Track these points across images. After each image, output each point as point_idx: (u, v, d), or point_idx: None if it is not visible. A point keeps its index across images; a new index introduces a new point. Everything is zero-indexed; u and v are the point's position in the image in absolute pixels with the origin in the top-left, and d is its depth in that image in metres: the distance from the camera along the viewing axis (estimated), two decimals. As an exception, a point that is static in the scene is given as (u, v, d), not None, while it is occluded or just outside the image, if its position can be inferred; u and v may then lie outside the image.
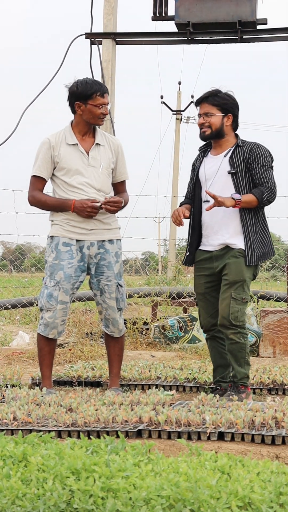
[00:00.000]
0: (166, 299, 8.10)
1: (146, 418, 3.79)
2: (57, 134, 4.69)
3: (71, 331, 7.53)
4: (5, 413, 3.89)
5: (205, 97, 4.61)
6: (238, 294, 4.50)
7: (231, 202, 4.43)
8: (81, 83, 4.61)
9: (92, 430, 3.70)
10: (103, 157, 4.69)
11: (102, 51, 8.02)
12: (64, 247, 4.61)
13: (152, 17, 7.86)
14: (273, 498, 2.46)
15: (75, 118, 4.69)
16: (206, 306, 4.69)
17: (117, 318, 4.73)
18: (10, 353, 6.69)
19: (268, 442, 3.57)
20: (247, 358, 4.56)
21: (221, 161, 4.60)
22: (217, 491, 2.45)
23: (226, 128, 4.61)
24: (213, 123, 4.58)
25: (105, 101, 4.60)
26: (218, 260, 4.57)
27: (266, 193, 4.51)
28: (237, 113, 4.64)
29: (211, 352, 4.75)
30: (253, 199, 4.50)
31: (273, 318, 6.91)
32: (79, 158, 4.63)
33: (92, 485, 2.50)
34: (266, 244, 4.59)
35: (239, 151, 4.58)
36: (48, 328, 4.65)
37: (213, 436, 3.62)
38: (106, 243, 4.68)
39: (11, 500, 2.47)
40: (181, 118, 26.83)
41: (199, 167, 4.71)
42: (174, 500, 2.43)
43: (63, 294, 4.61)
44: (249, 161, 4.54)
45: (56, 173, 4.65)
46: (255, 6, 7.52)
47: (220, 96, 4.59)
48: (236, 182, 4.54)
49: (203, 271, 4.66)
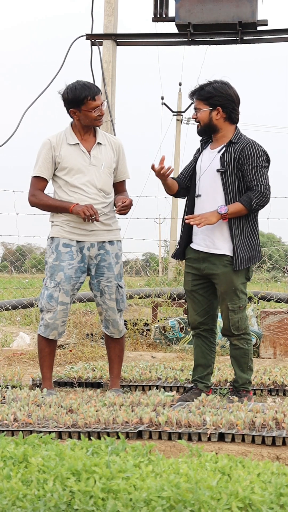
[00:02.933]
0: (166, 300, 8.10)
1: (146, 419, 3.79)
2: (57, 135, 4.69)
3: (72, 332, 7.53)
4: (6, 414, 3.89)
5: (193, 92, 4.49)
6: (234, 304, 4.43)
7: (217, 217, 4.31)
8: (70, 90, 4.57)
9: (93, 431, 3.70)
10: (104, 156, 4.68)
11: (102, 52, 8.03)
12: (65, 248, 4.61)
13: (153, 18, 7.87)
14: (273, 499, 2.45)
15: (73, 121, 4.70)
16: (194, 303, 4.58)
17: (117, 319, 4.73)
18: (10, 354, 6.69)
19: (268, 443, 3.57)
20: (250, 364, 4.52)
21: (214, 157, 4.46)
22: (217, 492, 2.45)
23: (218, 122, 4.44)
24: (200, 118, 4.47)
25: (98, 103, 4.57)
26: (205, 262, 4.47)
27: (255, 199, 4.33)
28: (229, 106, 4.42)
29: (194, 349, 4.64)
30: (241, 209, 4.34)
31: (274, 319, 6.91)
32: (80, 158, 4.63)
33: (93, 486, 2.50)
34: (253, 248, 4.44)
35: (232, 149, 4.41)
36: (49, 329, 4.65)
37: (214, 437, 3.62)
38: (107, 244, 4.67)
39: (11, 501, 2.47)
40: (181, 119, 26.80)
41: (197, 159, 4.59)
42: (174, 501, 2.43)
43: (63, 295, 4.61)
44: (240, 161, 4.37)
45: (57, 173, 4.65)
46: (255, 7, 7.53)
47: (206, 90, 4.43)
48: (224, 181, 4.39)
49: (191, 269, 4.56)
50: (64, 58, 7.96)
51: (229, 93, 4.44)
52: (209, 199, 4.44)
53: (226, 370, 5.44)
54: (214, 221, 4.32)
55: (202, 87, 4.46)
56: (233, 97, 4.45)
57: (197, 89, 4.48)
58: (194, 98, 4.49)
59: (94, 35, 7.98)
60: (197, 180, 4.52)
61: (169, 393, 4.48)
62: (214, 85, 4.44)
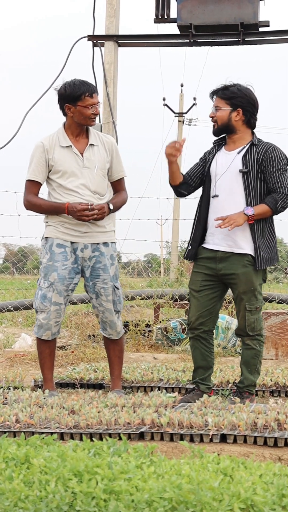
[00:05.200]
0: (168, 301, 8.09)
1: (148, 420, 3.79)
2: (50, 137, 4.67)
3: (74, 333, 7.53)
4: (8, 415, 3.89)
5: (216, 91, 4.49)
6: (252, 305, 4.43)
7: (244, 219, 4.31)
8: (69, 85, 4.58)
9: (95, 432, 3.70)
10: (97, 157, 4.67)
11: (104, 53, 8.03)
12: (58, 248, 4.61)
13: (155, 19, 7.87)
14: (275, 500, 2.45)
15: (66, 120, 4.68)
16: (198, 304, 4.54)
17: (115, 320, 4.72)
18: (12, 355, 6.69)
19: (270, 444, 3.56)
20: (258, 366, 4.52)
21: (234, 158, 4.45)
22: (219, 493, 2.45)
23: (236, 124, 4.44)
24: (219, 117, 4.46)
25: (95, 101, 4.57)
26: (223, 262, 4.45)
27: (280, 201, 4.37)
28: (250, 109, 4.44)
29: (193, 352, 4.61)
30: (267, 210, 4.37)
31: (276, 320, 6.90)
32: (73, 160, 4.62)
33: (95, 487, 2.50)
34: (272, 249, 4.46)
35: (254, 150, 4.43)
36: (42, 330, 4.66)
37: (216, 438, 3.62)
38: (101, 245, 4.66)
39: (13, 502, 2.47)
40: (183, 120, 26.81)
41: (211, 160, 4.56)
42: (176, 502, 2.43)
43: (57, 296, 4.61)
44: (263, 163, 4.39)
45: (51, 176, 4.65)
46: (257, 8, 7.53)
47: (230, 90, 4.44)
48: (246, 182, 4.40)
49: (203, 269, 4.52)
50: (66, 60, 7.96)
51: (252, 97, 4.47)
52: (228, 199, 4.43)
53: (228, 371, 5.44)
54: (241, 223, 4.32)
55: (226, 87, 4.47)
56: (255, 102, 4.48)
57: (221, 88, 4.48)
58: (216, 96, 4.49)
59: (96, 36, 7.98)
60: (212, 181, 4.51)
61: (171, 394, 4.47)
62: (238, 87, 4.46)
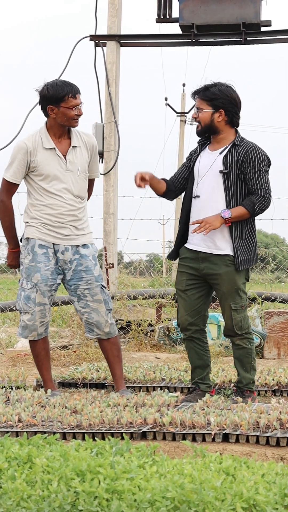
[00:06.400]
0: (170, 300, 8.09)
1: (151, 420, 3.79)
2: (33, 137, 4.61)
3: (76, 333, 7.53)
4: (10, 415, 3.89)
5: (197, 91, 4.46)
6: (236, 304, 4.42)
7: (221, 222, 4.30)
8: (51, 86, 4.53)
9: (97, 432, 3.70)
10: (79, 160, 4.66)
11: (106, 53, 8.05)
12: (40, 249, 4.60)
13: (156, 19, 7.88)
14: (278, 499, 2.45)
15: (48, 121, 4.63)
16: (185, 303, 4.54)
17: (101, 320, 4.67)
18: (15, 355, 6.70)
19: (272, 444, 3.57)
20: (253, 364, 4.52)
21: (216, 158, 4.43)
22: (221, 493, 2.45)
23: (219, 124, 4.41)
24: (201, 119, 4.43)
25: (78, 102, 4.54)
26: (205, 262, 4.43)
27: (258, 203, 4.34)
28: (232, 109, 4.40)
29: (188, 353, 4.61)
30: (244, 213, 4.34)
31: (278, 319, 6.90)
32: (56, 163, 4.59)
33: (97, 487, 2.50)
34: (251, 250, 4.44)
35: (235, 151, 4.40)
36: (27, 331, 4.65)
37: (218, 437, 3.62)
38: (81, 248, 4.66)
39: (16, 502, 2.47)
40: (185, 120, 26.79)
41: (195, 160, 4.55)
42: (178, 501, 2.43)
43: (40, 296, 4.60)
44: (243, 164, 4.36)
45: (33, 177, 4.61)
46: (259, 8, 7.54)
47: (211, 91, 4.40)
48: (226, 183, 4.38)
49: (187, 269, 4.51)
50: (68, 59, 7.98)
51: (233, 96, 4.43)
52: (209, 200, 4.42)
53: (230, 370, 5.44)
54: (218, 226, 4.30)
55: (207, 88, 4.43)
56: (237, 101, 4.44)
57: (202, 89, 4.45)
58: (197, 98, 4.46)
59: (98, 36, 8.00)
60: (195, 181, 4.50)
61: (173, 394, 4.48)
62: (219, 87, 4.41)
